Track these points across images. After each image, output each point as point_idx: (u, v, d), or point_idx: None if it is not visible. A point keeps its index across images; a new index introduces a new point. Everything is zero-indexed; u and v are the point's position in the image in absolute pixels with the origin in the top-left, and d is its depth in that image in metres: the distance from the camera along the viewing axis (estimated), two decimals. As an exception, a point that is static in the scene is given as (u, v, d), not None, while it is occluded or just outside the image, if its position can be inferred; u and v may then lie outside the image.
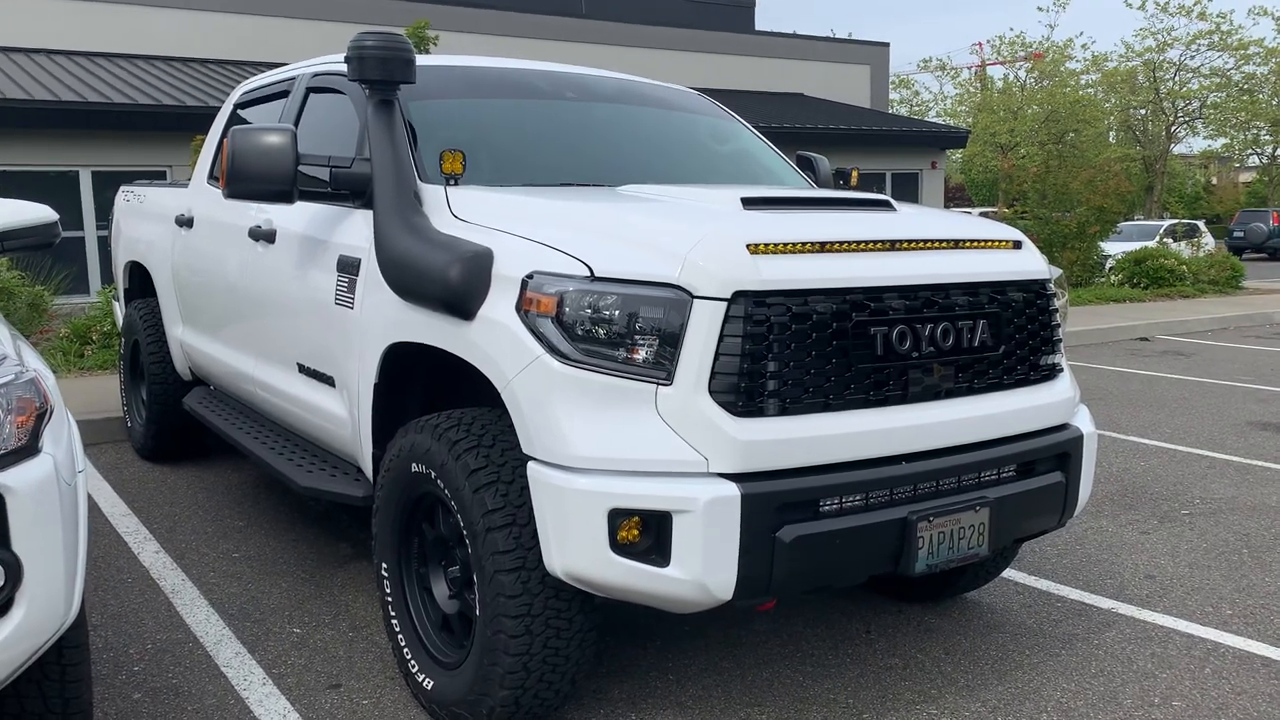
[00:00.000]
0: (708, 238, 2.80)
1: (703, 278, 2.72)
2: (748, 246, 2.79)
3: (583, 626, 2.97)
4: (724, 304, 2.72)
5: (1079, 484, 3.44)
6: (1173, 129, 45.06)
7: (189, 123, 13.41)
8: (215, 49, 18.73)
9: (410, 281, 3.17)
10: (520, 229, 3.09)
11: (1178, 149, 49.42)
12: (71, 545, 2.41)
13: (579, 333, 2.77)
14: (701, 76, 22.96)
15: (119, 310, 6.97)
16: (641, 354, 2.74)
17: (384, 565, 3.42)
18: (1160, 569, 4.64)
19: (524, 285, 2.86)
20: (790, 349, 2.78)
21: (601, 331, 2.75)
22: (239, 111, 5.39)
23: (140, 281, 6.34)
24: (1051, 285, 3.44)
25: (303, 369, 4.13)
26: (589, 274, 2.78)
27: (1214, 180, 58.79)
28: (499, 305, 2.92)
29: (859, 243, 3.00)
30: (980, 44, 50.62)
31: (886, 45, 28.50)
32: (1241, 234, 34.42)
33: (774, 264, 2.80)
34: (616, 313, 2.74)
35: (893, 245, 3.07)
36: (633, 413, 2.74)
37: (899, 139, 23.20)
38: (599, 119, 4.30)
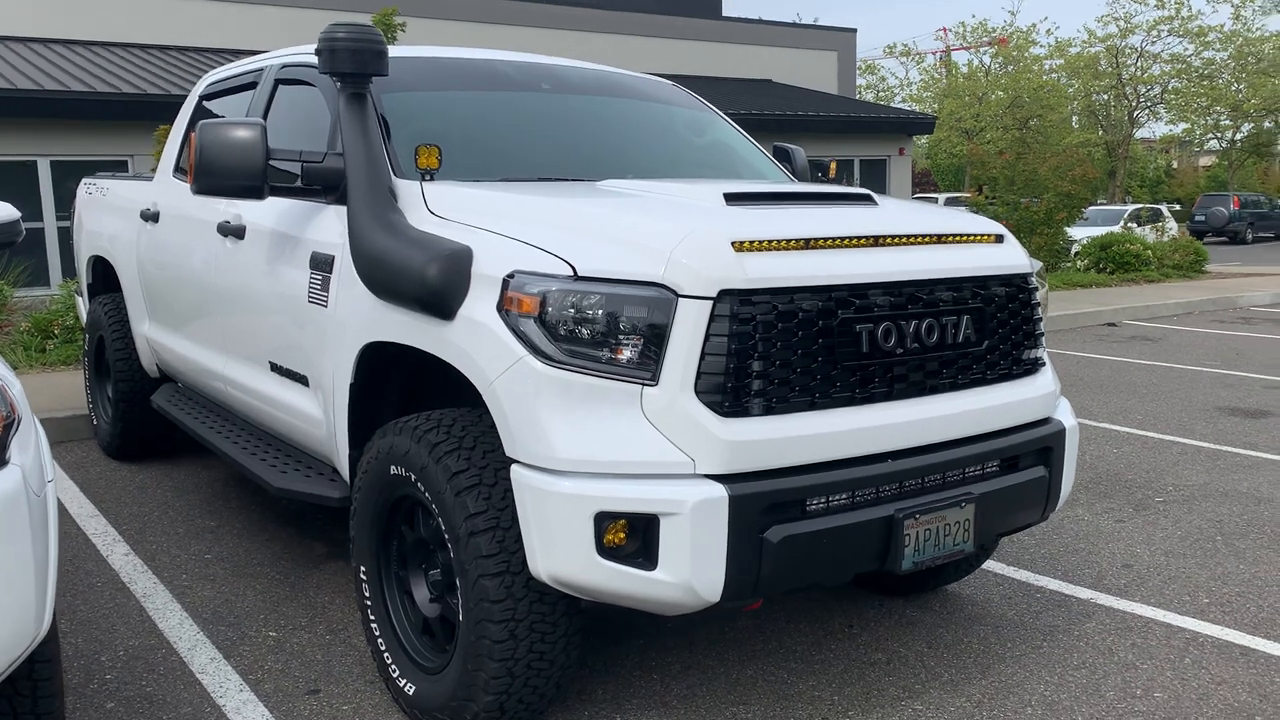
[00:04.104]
0: (692, 235, 2.75)
1: (688, 276, 2.68)
2: (733, 244, 2.75)
3: (568, 630, 2.93)
4: (709, 303, 2.68)
5: (1061, 478, 3.44)
6: (1135, 114, 45.53)
7: (150, 111, 13.18)
8: (176, 35, 18.39)
9: (387, 280, 3.11)
10: (500, 226, 3.03)
11: (1139, 134, 49.97)
12: (42, 558, 2.34)
13: (562, 333, 2.72)
14: (669, 63, 22.85)
15: (82, 305, 6.83)
16: (626, 354, 2.69)
17: (362, 569, 3.36)
18: (1137, 558, 4.67)
19: (505, 284, 2.80)
20: (776, 347, 2.75)
21: (585, 332, 2.71)
22: (205, 103, 5.27)
23: (104, 276, 6.21)
24: (1033, 279, 3.42)
25: (275, 368, 4.06)
26: (572, 273, 2.73)
27: (1174, 165, 59.53)
28: (479, 305, 2.86)
29: (843, 239, 2.97)
30: (945, 29, 50.84)
31: (854, 31, 28.50)
32: (1203, 218, 34.85)
33: (759, 261, 2.76)
34: (600, 312, 2.70)
35: (876, 241, 3.04)
36: (617, 414, 2.70)
37: (867, 125, 23.23)
38: (576, 111, 4.24)
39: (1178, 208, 40.28)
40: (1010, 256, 3.35)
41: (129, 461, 6.09)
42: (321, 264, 3.64)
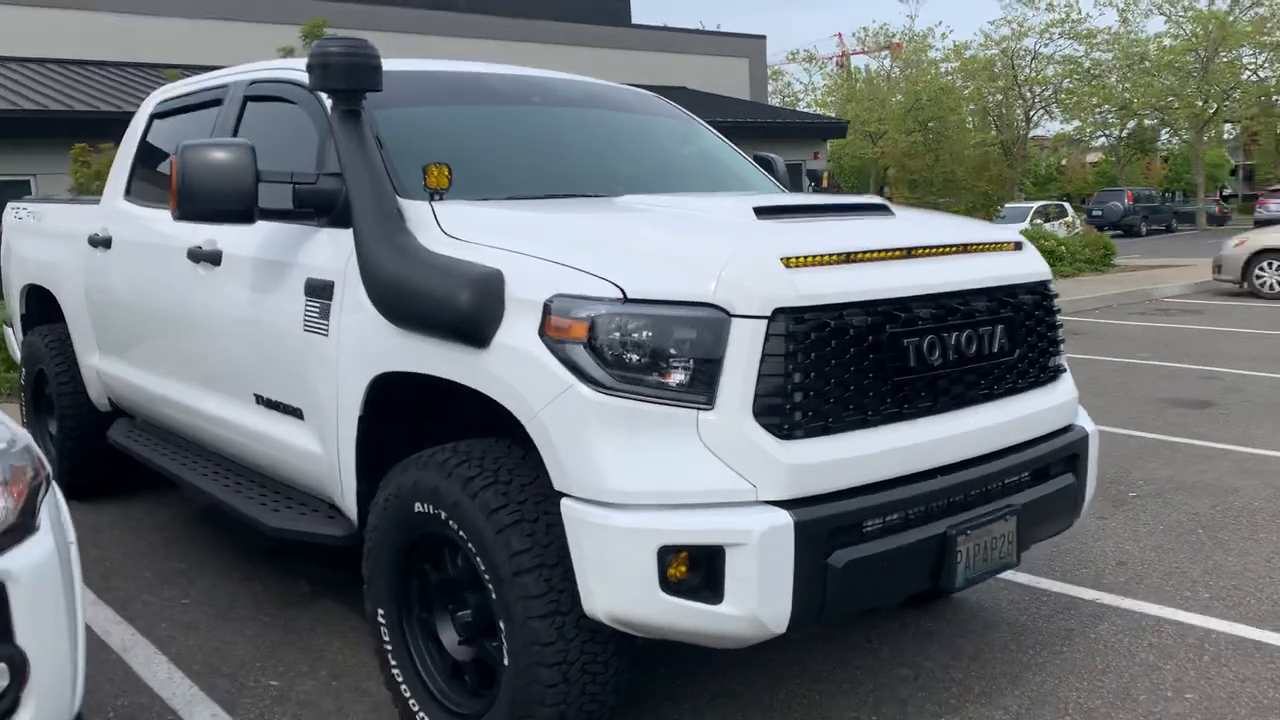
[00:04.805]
0: (741, 252, 2.66)
1: (740, 295, 2.59)
2: (783, 260, 2.66)
3: (619, 669, 2.81)
4: (764, 322, 2.58)
5: (1086, 483, 3.44)
6: (1031, 113, 46.92)
7: (54, 128, 12.65)
8: (76, 49, 17.64)
9: (409, 308, 2.94)
10: (526, 247, 2.89)
11: (1032, 132, 51.54)
12: (74, 629, 2.14)
13: (613, 358, 2.59)
14: (582, 71, 22.68)
15: (12, 337, 6.43)
16: (680, 378, 2.58)
17: (380, 612, 3.18)
18: (1128, 555, 4.72)
19: (547, 309, 2.67)
20: (830, 366, 2.67)
21: (637, 357, 2.59)
22: (156, 122, 5.00)
23: (41, 305, 5.84)
24: (1053, 285, 3.42)
25: (262, 400, 3.83)
26: (621, 295, 2.60)
27: (1064, 162, 61.58)
28: (517, 331, 2.72)
29: (880, 251, 2.91)
30: (839, 35, 51.74)
31: (763, 38, 28.86)
32: (1100, 213, 36.07)
33: (810, 277, 2.68)
34: (653, 336, 2.58)
35: (910, 252, 2.99)
36: (674, 441, 2.59)
37: (782, 130, 23.53)
38: (570, 126, 4.10)
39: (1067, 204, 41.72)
40: (1033, 264, 3.33)
41: (77, 501, 5.71)
42: (319, 290, 3.45)
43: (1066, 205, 29.65)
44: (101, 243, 4.97)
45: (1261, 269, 14.96)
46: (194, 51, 15.91)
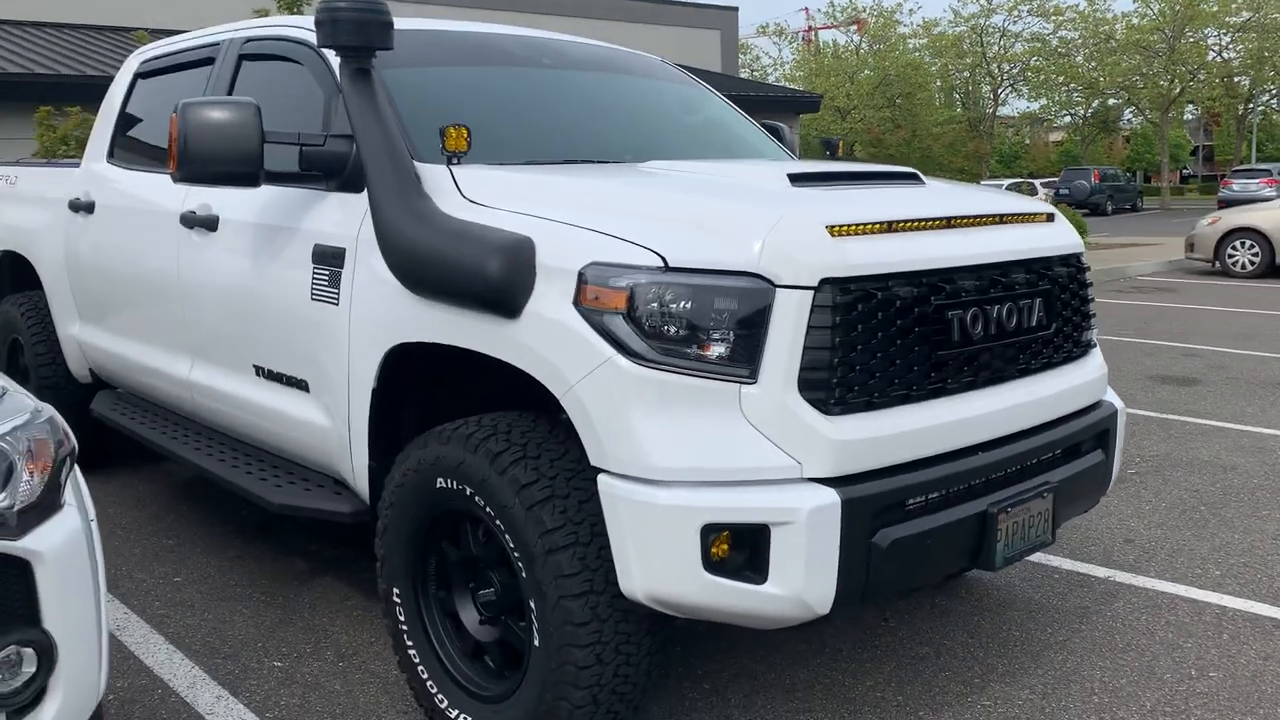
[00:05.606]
0: (786, 220, 2.55)
1: (786, 265, 2.48)
2: (829, 229, 2.56)
3: (651, 649, 2.72)
4: (810, 293, 2.48)
5: (1114, 460, 3.39)
6: (999, 91, 47.16)
7: (12, 92, 12.20)
8: (37, 9, 17.07)
9: (432, 276, 2.81)
10: (555, 213, 2.77)
11: (997, 110, 51.85)
12: (99, 612, 2.01)
13: (653, 330, 2.48)
14: (556, 41, 22.41)
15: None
16: (723, 351, 2.48)
17: (395, 591, 3.07)
18: (1135, 532, 4.70)
19: (581, 277, 2.55)
20: (877, 339, 2.58)
21: (678, 328, 2.48)
22: (141, 82, 4.79)
23: (14, 272, 5.62)
24: (1085, 258, 3.35)
25: (262, 372, 3.69)
26: (663, 264, 2.49)
27: (1027, 141, 62.10)
28: (550, 301, 2.60)
29: (922, 221, 2.81)
30: (806, 9, 51.61)
31: (735, 10, 28.59)
32: (1067, 191, 36.29)
33: (857, 247, 2.58)
34: (695, 306, 2.47)
35: (949, 222, 2.90)
36: (715, 416, 2.49)
37: (757, 104, 23.32)
38: (583, 89, 3.96)
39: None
40: (1066, 236, 3.26)
41: (55, 476, 5.54)
42: (328, 258, 3.30)
43: (1037, 183, 29.84)
44: (83, 207, 4.77)
45: (1233, 248, 15.10)
46: (162, 14, 15.45)
